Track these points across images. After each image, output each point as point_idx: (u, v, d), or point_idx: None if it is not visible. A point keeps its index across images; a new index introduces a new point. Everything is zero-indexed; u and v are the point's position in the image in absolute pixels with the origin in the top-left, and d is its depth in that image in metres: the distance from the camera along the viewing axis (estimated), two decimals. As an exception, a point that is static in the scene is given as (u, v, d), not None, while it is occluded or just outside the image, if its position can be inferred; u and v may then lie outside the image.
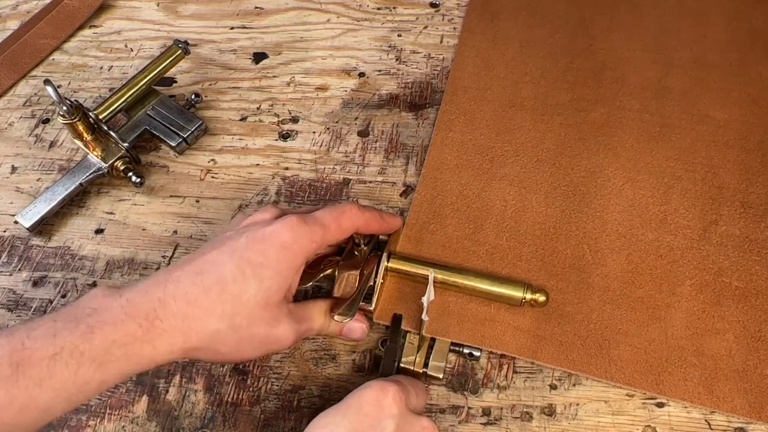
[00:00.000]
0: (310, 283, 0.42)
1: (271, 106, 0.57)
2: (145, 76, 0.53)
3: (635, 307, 0.44)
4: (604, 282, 0.45)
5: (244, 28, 0.64)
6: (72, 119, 0.49)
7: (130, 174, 0.51)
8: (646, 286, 0.44)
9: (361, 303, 0.41)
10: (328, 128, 0.55)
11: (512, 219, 0.48)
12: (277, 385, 0.43)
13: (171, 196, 0.52)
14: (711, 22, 0.58)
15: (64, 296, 0.48)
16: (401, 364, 0.41)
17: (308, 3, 0.65)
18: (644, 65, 0.56)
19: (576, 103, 0.54)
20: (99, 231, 0.51)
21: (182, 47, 0.54)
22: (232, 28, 0.64)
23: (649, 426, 0.40)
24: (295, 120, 0.56)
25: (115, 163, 0.51)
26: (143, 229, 0.51)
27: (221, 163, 0.54)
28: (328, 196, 0.51)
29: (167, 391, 0.43)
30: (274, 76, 0.60)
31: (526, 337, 0.42)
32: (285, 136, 0.55)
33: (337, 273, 0.42)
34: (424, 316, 0.41)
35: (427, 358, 0.41)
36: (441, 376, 0.41)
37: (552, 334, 0.42)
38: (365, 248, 0.43)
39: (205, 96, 0.58)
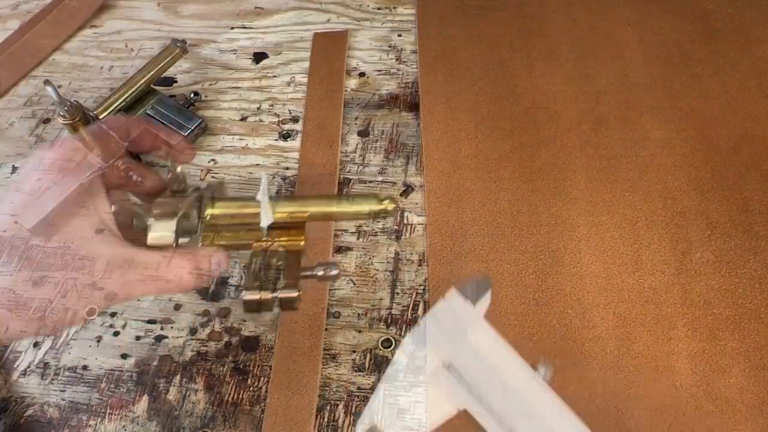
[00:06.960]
0: None
1: (272, 105, 0.58)
2: (144, 76, 0.54)
3: (637, 364, 0.42)
4: (599, 346, 0.42)
5: (244, 28, 0.65)
6: (72, 119, 0.49)
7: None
8: (642, 338, 0.42)
9: None
10: None
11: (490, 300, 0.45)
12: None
13: None
14: (624, 40, 0.58)
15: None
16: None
17: (308, 3, 0.66)
18: (573, 97, 0.54)
19: (518, 151, 0.52)
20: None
21: (180, 46, 0.55)
22: (232, 28, 0.65)
23: None
24: (295, 120, 0.57)
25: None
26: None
27: (221, 162, 0.55)
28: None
29: (167, 391, 0.43)
30: (274, 76, 0.60)
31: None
32: (285, 136, 0.56)
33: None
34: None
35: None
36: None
37: (565, 421, 0.40)
38: None
39: (206, 96, 0.59)
